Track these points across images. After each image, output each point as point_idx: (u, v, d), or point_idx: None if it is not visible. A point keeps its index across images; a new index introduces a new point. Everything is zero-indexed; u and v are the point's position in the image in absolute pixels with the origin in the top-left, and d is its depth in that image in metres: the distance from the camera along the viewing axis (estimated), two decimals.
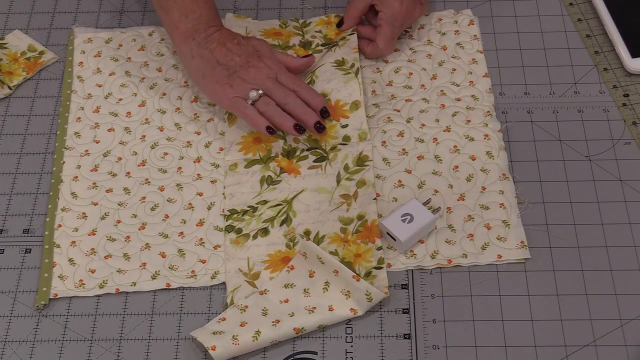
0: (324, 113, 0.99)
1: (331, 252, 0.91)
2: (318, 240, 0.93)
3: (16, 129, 1.05)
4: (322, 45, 1.09)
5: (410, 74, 1.07)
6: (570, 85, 1.06)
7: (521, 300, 0.90)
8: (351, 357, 0.87)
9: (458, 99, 1.04)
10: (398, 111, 1.03)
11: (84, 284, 0.92)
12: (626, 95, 1.04)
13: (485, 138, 1.00)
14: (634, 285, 0.91)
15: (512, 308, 0.89)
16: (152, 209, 0.97)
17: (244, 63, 0.98)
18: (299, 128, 0.97)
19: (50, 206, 0.97)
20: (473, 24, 1.11)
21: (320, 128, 0.98)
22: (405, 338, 0.88)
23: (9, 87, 1.08)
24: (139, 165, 1.00)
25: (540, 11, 1.13)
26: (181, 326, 0.90)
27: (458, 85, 1.05)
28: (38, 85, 1.09)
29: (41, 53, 1.11)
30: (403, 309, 0.90)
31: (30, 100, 1.08)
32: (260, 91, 0.97)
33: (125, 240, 0.95)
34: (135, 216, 0.96)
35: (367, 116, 1.02)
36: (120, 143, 1.02)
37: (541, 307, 0.89)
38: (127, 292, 0.92)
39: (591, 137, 1.01)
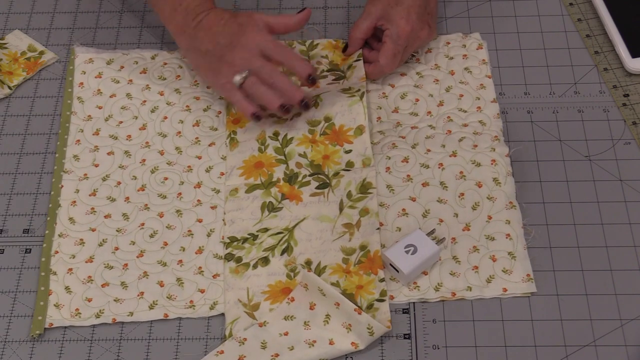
0: (311, 79, 0.98)
1: (332, 283, 0.90)
2: (319, 271, 0.91)
3: (16, 129, 1.05)
4: (328, 71, 1.07)
5: (417, 100, 1.05)
6: (570, 85, 1.06)
7: (521, 300, 0.90)
8: (351, 357, 0.87)
9: (465, 125, 1.02)
10: (403, 138, 1.01)
11: (80, 313, 0.90)
12: (626, 95, 1.04)
13: (492, 163, 0.98)
14: (634, 285, 0.90)
15: (512, 308, 0.89)
16: (151, 236, 0.95)
17: (228, 44, 0.98)
18: (285, 108, 0.97)
19: (47, 232, 0.96)
20: (481, 47, 1.09)
21: (305, 105, 0.98)
22: (405, 338, 0.88)
23: (9, 87, 1.08)
24: (138, 190, 0.98)
25: (540, 11, 1.13)
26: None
27: (465, 112, 1.03)
28: (38, 85, 1.09)
29: (41, 53, 1.11)
30: (403, 309, 0.90)
31: (30, 100, 1.07)
32: (245, 73, 0.97)
33: (123, 268, 0.93)
34: (134, 243, 0.95)
35: (371, 143, 1.00)
36: (119, 167, 1.00)
37: (541, 307, 0.89)
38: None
39: (591, 137, 1.01)
